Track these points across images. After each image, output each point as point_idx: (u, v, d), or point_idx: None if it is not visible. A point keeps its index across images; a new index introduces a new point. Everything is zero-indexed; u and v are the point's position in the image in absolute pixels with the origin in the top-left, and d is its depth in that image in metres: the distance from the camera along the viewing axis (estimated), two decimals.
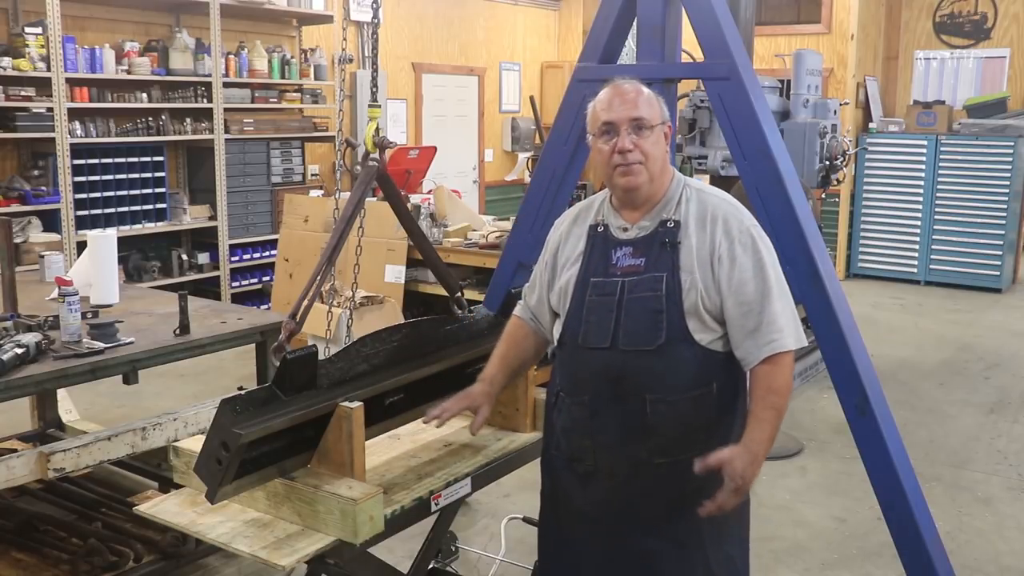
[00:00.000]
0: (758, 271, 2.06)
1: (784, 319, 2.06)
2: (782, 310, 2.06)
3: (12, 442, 3.92)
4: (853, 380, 3.06)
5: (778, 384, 2.05)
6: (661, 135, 2.14)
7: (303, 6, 7.55)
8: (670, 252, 2.07)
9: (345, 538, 2.04)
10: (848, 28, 9.25)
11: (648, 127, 2.10)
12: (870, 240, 9.57)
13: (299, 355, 2.08)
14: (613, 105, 2.11)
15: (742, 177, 3.34)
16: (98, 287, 3.52)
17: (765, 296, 2.05)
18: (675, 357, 2.05)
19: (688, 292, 2.04)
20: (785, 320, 2.06)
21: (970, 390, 5.91)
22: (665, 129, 2.15)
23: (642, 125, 2.09)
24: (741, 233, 2.07)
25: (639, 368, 2.07)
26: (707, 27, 3.30)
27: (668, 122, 2.17)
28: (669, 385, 2.05)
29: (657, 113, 2.13)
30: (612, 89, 2.15)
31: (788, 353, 2.06)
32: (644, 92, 2.14)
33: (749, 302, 2.04)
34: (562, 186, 3.73)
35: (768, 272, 2.07)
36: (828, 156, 5.82)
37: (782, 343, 2.05)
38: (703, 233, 2.08)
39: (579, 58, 3.73)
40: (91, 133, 6.21)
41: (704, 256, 2.06)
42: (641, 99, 2.12)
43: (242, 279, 7.31)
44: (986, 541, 3.87)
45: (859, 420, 3.06)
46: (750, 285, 2.05)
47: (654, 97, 2.16)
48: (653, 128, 2.11)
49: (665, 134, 2.16)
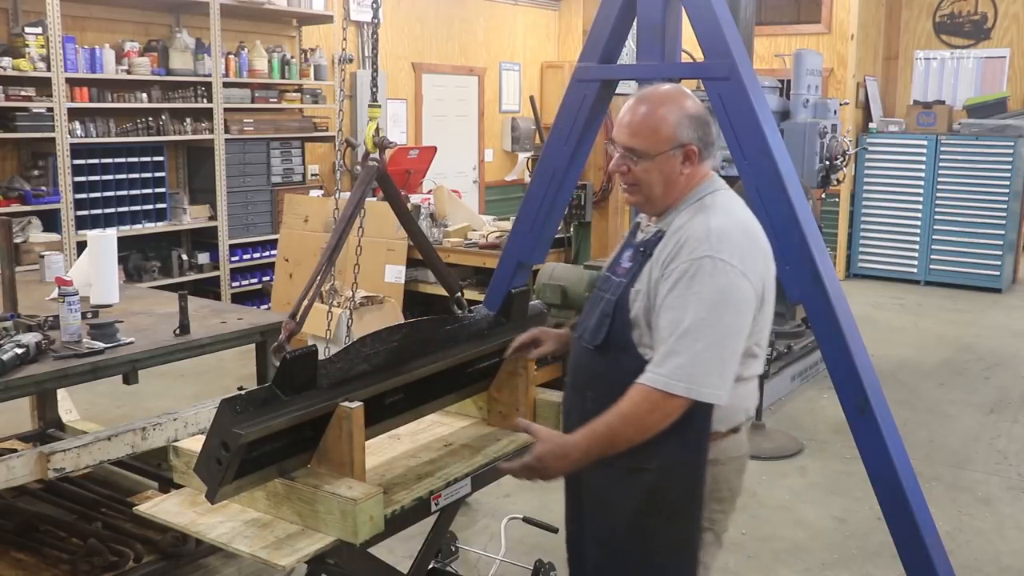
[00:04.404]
0: (682, 304, 1.91)
1: (685, 362, 1.88)
2: (691, 353, 1.88)
3: (12, 442, 3.92)
4: (853, 380, 3.06)
5: (630, 413, 1.92)
6: (664, 163, 2.04)
7: (303, 6, 7.55)
8: (641, 260, 2.06)
9: (345, 538, 2.04)
10: (848, 28, 9.25)
11: (642, 157, 2.04)
12: (870, 240, 9.57)
13: (299, 355, 2.08)
14: (621, 123, 2.07)
15: (742, 177, 3.34)
16: (98, 287, 3.52)
17: (676, 329, 1.91)
18: (615, 361, 2.05)
19: (634, 302, 2.02)
20: (685, 363, 1.88)
21: (970, 390, 5.91)
22: (675, 155, 2.04)
23: (635, 155, 2.04)
24: (691, 261, 1.93)
25: (587, 365, 2.14)
26: (707, 27, 3.30)
27: (686, 144, 2.04)
28: (607, 386, 2.03)
29: (659, 142, 2.02)
30: (631, 104, 2.08)
31: (657, 392, 1.89)
32: (650, 119, 2.04)
33: (662, 328, 1.94)
34: (562, 186, 3.74)
35: (694, 308, 1.90)
36: (828, 156, 5.82)
37: (657, 379, 1.89)
38: (667, 249, 2.02)
39: (579, 58, 3.73)
40: (91, 133, 6.21)
41: (657, 272, 2.00)
42: (643, 127, 2.04)
43: (242, 279, 7.31)
44: (986, 541, 3.87)
45: (859, 420, 3.06)
46: (670, 314, 1.93)
47: (665, 121, 2.03)
48: (652, 158, 2.03)
49: (683, 156, 2.04)
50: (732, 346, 1.94)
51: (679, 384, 1.88)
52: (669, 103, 2.05)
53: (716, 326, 1.90)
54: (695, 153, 2.04)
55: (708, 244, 1.94)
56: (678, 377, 1.88)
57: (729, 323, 1.92)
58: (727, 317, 1.91)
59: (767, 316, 2.06)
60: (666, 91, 2.09)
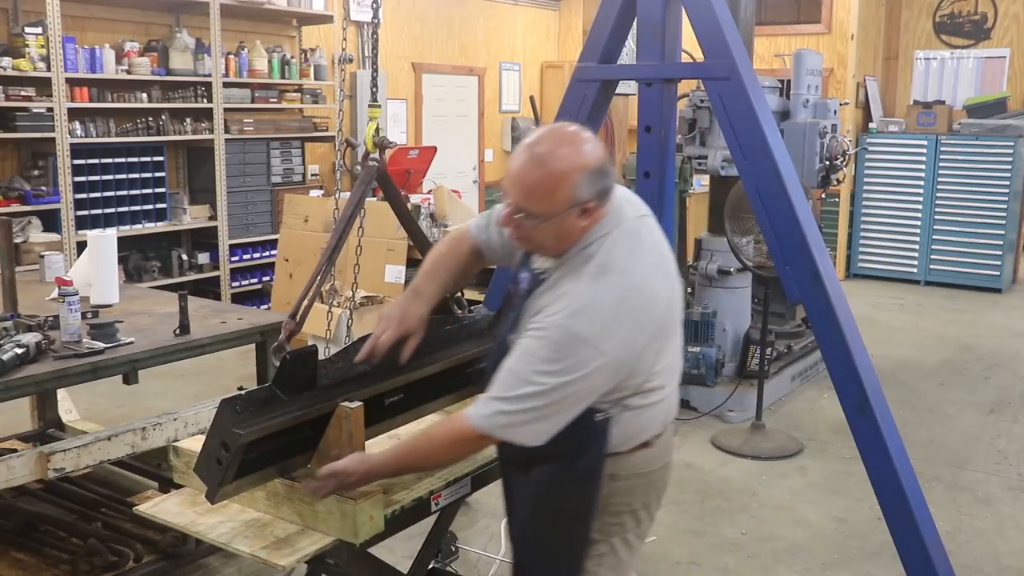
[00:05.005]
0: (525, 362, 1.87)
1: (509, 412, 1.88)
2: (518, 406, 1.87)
3: (12, 442, 3.92)
4: (853, 380, 3.07)
5: (438, 437, 1.98)
6: (560, 222, 1.90)
7: (303, 6, 7.55)
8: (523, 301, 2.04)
9: (345, 538, 2.04)
10: (848, 28, 9.25)
11: (536, 218, 1.90)
12: (870, 240, 9.57)
13: (299, 355, 2.08)
14: (512, 178, 1.91)
15: (742, 177, 3.34)
16: (98, 287, 3.52)
17: (511, 380, 1.88)
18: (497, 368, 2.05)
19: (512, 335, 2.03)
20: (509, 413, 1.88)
21: (970, 390, 5.91)
22: (572, 213, 1.89)
23: (528, 216, 1.91)
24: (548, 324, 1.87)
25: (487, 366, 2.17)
26: (707, 27, 3.30)
27: (584, 202, 1.88)
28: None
29: (555, 204, 1.87)
30: (524, 160, 1.89)
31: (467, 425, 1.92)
32: (547, 181, 1.87)
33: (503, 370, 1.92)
34: None
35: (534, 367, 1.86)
36: (828, 156, 5.82)
37: (481, 422, 1.91)
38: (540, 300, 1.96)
39: (579, 58, 3.73)
40: (91, 133, 6.21)
41: (525, 321, 1.97)
42: (539, 189, 1.88)
43: (242, 279, 7.31)
44: (986, 541, 3.87)
45: (859, 420, 3.06)
46: (512, 362, 1.90)
47: (563, 183, 1.86)
48: (548, 219, 1.89)
49: (580, 212, 1.89)
50: (563, 410, 1.89)
51: (496, 429, 1.91)
52: (566, 161, 1.87)
53: (552, 392, 1.85)
54: (593, 207, 1.92)
55: (565, 313, 1.86)
56: (499, 424, 1.90)
57: (569, 392, 1.86)
58: (568, 388, 1.86)
59: (664, 353, 2.00)
60: (562, 145, 1.90)
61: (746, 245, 4.97)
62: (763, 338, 4.98)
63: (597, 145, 1.94)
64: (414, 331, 2.21)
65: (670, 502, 4.18)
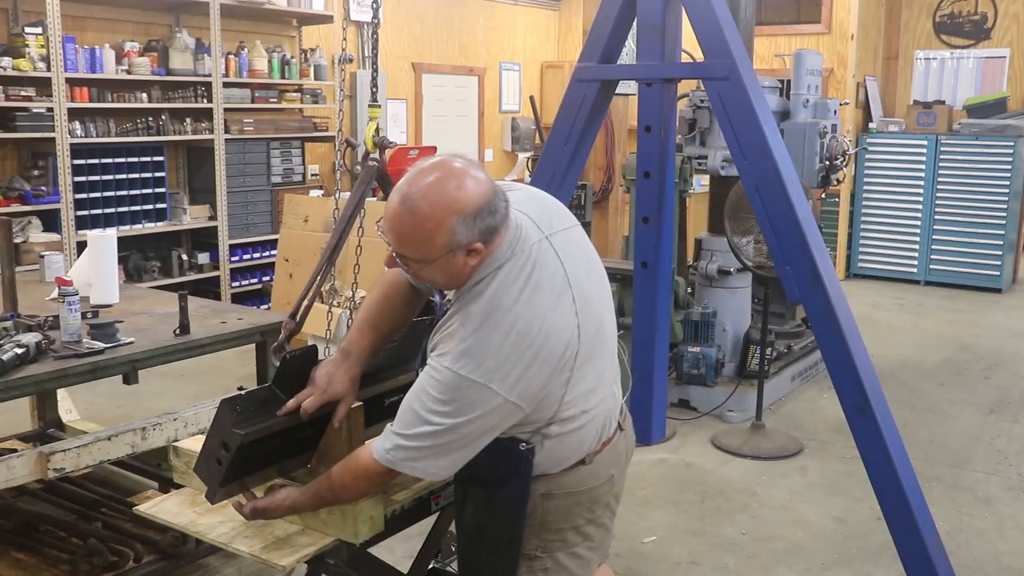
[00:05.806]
0: (421, 403, 1.86)
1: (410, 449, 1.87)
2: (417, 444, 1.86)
3: (12, 442, 3.92)
4: (853, 380, 3.07)
5: (349, 473, 1.96)
6: (445, 263, 1.83)
7: (303, 6, 7.54)
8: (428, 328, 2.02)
9: (345, 538, 2.04)
10: (848, 28, 9.25)
11: (418, 262, 1.86)
12: (870, 240, 9.57)
13: (299, 355, 2.08)
14: (386, 219, 1.83)
15: (742, 177, 3.34)
16: (98, 287, 3.52)
17: (409, 419, 1.87)
18: None
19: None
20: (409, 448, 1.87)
21: (970, 390, 5.91)
22: (456, 255, 1.82)
23: (409, 261, 1.88)
24: (436, 365, 1.85)
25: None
26: (707, 27, 3.30)
27: (466, 244, 1.80)
28: None
29: (433, 249, 1.81)
30: (395, 206, 1.81)
31: (372, 458, 1.92)
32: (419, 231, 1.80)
33: (403, 405, 1.91)
34: (562, 186, 3.74)
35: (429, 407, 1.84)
36: (828, 156, 5.82)
37: (384, 456, 1.90)
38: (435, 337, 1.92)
39: (579, 58, 3.74)
40: (91, 133, 6.21)
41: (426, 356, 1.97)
42: (413, 238, 1.82)
43: (242, 279, 7.31)
44: (986, 541, 3.87)
45: (859, 420, 3.07)
46: (411, 399, 1.89)
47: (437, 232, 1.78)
48: (430, 262, 1.83)
49: (466, 252, 1.82)
50: (464, 446, 1.88)
51: (397, 464, 1.90)
52: (439, 207, 1.78)
53: (447, 432, 1.84)
54: (479, 248, 1.83)
55: (452, 356, 1.82)
56: (399, 459, 1.89)
57: (465, 432, 1.85)
58: (464, 428, 1.84)
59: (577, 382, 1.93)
60: (436, 191, 1.79)
61: (746, 245, 4.97)
62: (763, 338, 4.99)
63: (479, 183, 1.82)
64: (343, 395, 2.08)
65: (670, 502, 4.18)
